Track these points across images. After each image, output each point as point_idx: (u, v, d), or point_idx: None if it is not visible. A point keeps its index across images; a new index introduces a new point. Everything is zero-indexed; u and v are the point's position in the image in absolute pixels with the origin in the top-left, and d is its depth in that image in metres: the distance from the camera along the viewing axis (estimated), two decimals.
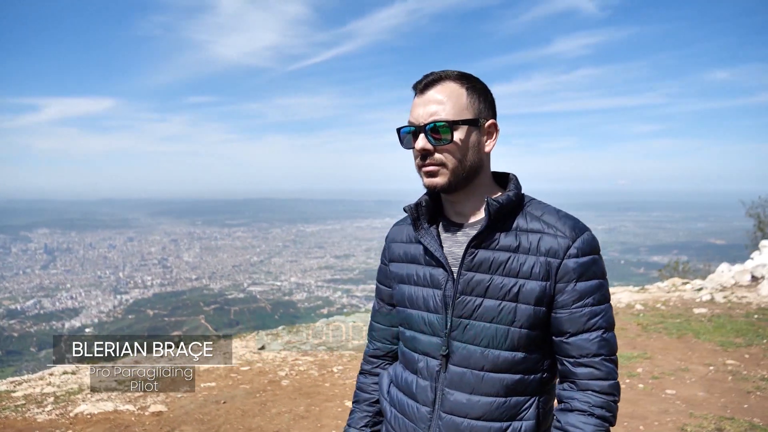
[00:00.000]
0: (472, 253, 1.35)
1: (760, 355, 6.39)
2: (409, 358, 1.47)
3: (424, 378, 1.42)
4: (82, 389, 5.24)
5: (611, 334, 1.34)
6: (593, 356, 1.31)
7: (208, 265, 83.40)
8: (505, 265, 1.33)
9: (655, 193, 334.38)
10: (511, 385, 1.34)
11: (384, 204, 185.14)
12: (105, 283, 70.83)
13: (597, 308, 1.32)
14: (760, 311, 8.53)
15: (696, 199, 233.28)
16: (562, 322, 1.33)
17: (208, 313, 57.53)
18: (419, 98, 1.37)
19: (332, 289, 70.99)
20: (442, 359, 1.39)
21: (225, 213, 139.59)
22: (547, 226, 1.34)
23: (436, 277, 1.40)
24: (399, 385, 1.51)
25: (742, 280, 10.84)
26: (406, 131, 1.39)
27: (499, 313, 1.32)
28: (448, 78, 1.35)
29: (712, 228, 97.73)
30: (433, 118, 1.32)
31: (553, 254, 1.31)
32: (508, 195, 1.36)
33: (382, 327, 1.65)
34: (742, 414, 4.69)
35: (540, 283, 1.31)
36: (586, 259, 1.32)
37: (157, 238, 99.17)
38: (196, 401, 4.97)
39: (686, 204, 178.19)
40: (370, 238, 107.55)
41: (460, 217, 1.44)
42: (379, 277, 1.65)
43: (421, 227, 1.44)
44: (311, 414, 4.75)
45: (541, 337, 1.36)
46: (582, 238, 1.32)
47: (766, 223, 17.86)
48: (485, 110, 1.37)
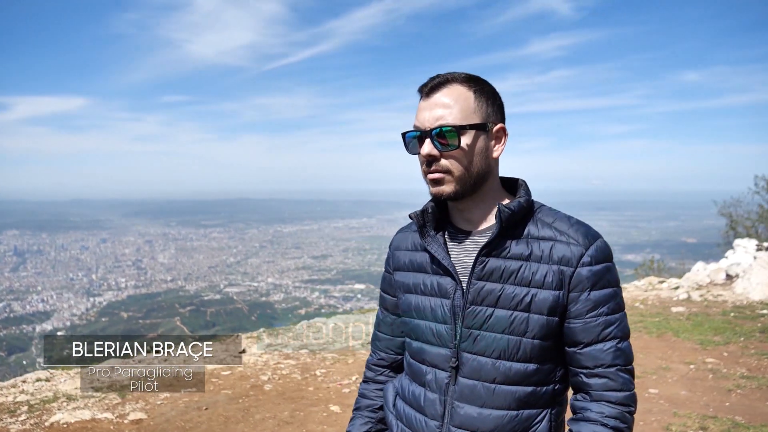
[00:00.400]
0: (483, 262, 1.30)
1: (738, 353, 6.49)
2: (416, 370, 1.41)
3: (433, 391, 1.36)
4: (57, 397, 5.08)
5: (626, 344, 1.29)
6: (608, 367, 1.27)
7: (184, 266, 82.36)
8: (517, 273, 1.28)
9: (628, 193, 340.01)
10: (524, 397, 1.29)
11: (362, 204, 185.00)
12: (77, 285, 69.48)
13: (611, 317, 1.28)
14: (735, 309, 8.67)
15: (668, 198, 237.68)
16: (575, 332, 1.28)
17: (184, 314, 56.80)
18: (425, 102, 1.31)
19: (310, 290, 70.64)
20: (451, 371, 1.33)
21: (201, 213, 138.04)
22: (559, 234, 1.29)
23: (444, 286, 1.35)
24: (405, 398, 1.45)
25: (717, 279, 11.02)
26: (411, 136, 1.33)
27: (511, 323, 1.27)
28: (455, 81, 1.30)
29: (683, 227, 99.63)
30: (439, 123, 1.27)
31: (565, 262, 1.26)
32: (519, 201, 1.31)
33: (387, 337, 1.59)
34: (725, 412, 4.74)
35: (553, 293, 1.26)
36: (600, 267, 1.27)
37: (131, 239, 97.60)
38: (177, 408, 4.85)
39: (658, 203, 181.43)
40: (347, 239, 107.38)
41: (467, 225, 1.39)
42: (383, 285, 1.59)
43: (428, 235, 1.38)
44: (296, 419, 4.67)
45: (553, 348, 1.31)
46: (595, 245, 1.28)
47: (738, 222, 18.23)
48: (493, 114, 1.32)
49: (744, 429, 4.37)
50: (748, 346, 6.72)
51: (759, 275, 9.84)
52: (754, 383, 5.42)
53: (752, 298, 9.38)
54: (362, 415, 1.60)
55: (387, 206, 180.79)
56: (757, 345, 6.75)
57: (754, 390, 5.26)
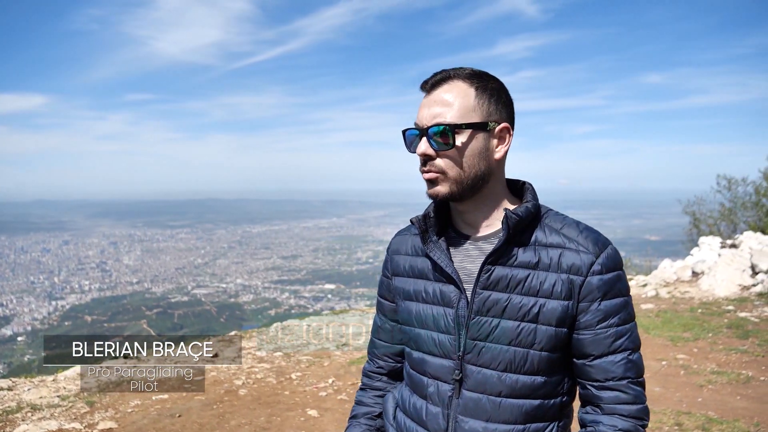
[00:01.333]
0: (489, 270, 1.24)
1: (707, 348, 6.62)
2: (417, 381, 1.35)
3: (435, 404, 1.30)
4: (21, 407, 4.88)
5: (638, 355, 1.25)
6: (619, 380, 1.22)
7: (150, 268, 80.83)
8: (524, 283, 1.22)
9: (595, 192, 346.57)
10: (531, 411, 1.24)
11: (331, 204, 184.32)
12: (39, 288, 67.54)
13: (622, 328, 1.23)
14: (702, 306, 8.86)
15: (633, 197, 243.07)
16: (585, 344, 1.23)
17: (151, 317, 55.73)
18: (426, 98, 1.26)
19: (280, 290, 70.10)
20: (454, 384, 1.27)
21: (167, 214, 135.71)
22: (568, 240, 1.24)
23: (447, 294, 1.29)
24: (406, 411, 1.38)
25: (683, 276, 11.26)
26: (411, 134, 1.27)
27: (518, 335, 1.22)
28: (458, 77, 1.24)
29: (647, 225, 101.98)
30: (435, 121, 1.21)
31: (575, 271, 1.21)
32: (527, 206, 1.25)
33: (385, 344, 1.52)
34: (698, 408, 4.81)
35: (562, 303, 1.21)
36: (611, 275, 1.22)
37: (95, 240, 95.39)
38: (149, 416, 4.71)
39: (624, 202, 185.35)
40: (317, 239, 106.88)
41: (469, 229, 1.33)
42: (381, 291, 1.52)
43: (430, 240, 1.32)
44: (273, 425, 4.57)
45: (561, 360, 1.26)
46: (606, 253, 1.23)
47: (701, 220, 18.70)
48: (497, 112, 1.25)
49: (717, 424, 4.45)
50: (716, 341, 6.86)
51: (724, 272, 10.09)
52: (725, 378, 5.53)
53: (718, 294, 9.61)
54: (360, 423, 1.53)
55: (357, 206, 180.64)
56: (725, 341, 6.90)
57: (725, 385, 5.37)
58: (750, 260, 10.08)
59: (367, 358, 1.60)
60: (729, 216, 17.75)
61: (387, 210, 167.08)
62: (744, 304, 8.77)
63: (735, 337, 7.04)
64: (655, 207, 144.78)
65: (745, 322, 7.64)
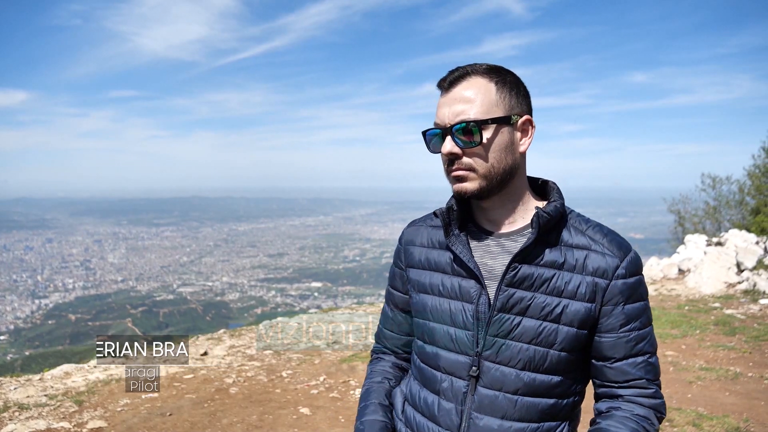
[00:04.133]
0: (515, 268, 1.22)
1: (695, 345, 6.68)
2: (430, 376, 1.32)
3: (448, 399, 1.28)
4: (8, 406, 4.79)
5: (656, 358, 1.26)
6: (638, 380, 1.24)
7: (135, 266, 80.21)
8: (549, 283, 1.21)
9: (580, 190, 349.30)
10: (546, 409, 1.24)
11: (318, 202, 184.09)
12: (21, 287, 66.76)
13: (643, 332, 1.24)
14: (689, 303, 8.95)
15: (618, 195, 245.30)
16: (607, 347, 1.24)
17: (135, 316, 55.31)
18: (444, 97, 1.23)
19: (266, 289, 69.93)
20: (470, 380, 1.25)
21: (152, 212, 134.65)
22: (593, 243, 1.23)
23: (466, 289, 1.27)
24: (416, 405, 1.36)
25: (670, 273, 11.38)
26: (432, 134, 1.25)
27: (539, 334, 1.21)
28: (475, 73, 1.22)
29: (631, 223, 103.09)
30: (459, 118, 1.19)
31: (601, 274, 1.20)
32: (556, 206, 1.24)
33: (395, 335, 1.51)
34: (688, 404, 4.86)
35: (585, 305, 1.20)
36: (634, 280, 1.22)
37: (79, 238, 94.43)
38: (139, 414, 4.65)
39: (609, 200, 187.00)
40: (303, 237, 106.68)
41: (491, 225, 1.32)
42: (393, 281, 1.49)
43: (452, 233, 1.30)
44: (265, 423, 4.53)
45: (578, 361, 1.26)
46: (629, 257, 1.23)
47: (686, 218, 18.90)
48: (518, 105, 1.24)
49: (707, 420, 4.49)
50: (704, 338, 6.93)
51: (709, 270, 10.21)
52: (713, 374, 5.58)
53: (704, 291, 9.72)
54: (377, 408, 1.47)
55: (343, 204, 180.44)
56: (712, 337, 6.97)
57: (714, 381, 5.42)
58: (735, 258, 10.21)
59: (373, 350, 1.59)
60: (713, 214, 17.96)
61: (374, 208, 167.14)
62: (730, 301, 8.88)
63: (722, 333, 7.12)
64: (639, 205, 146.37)
65: (731, 319, 7.73)
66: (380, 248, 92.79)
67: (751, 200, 17.16)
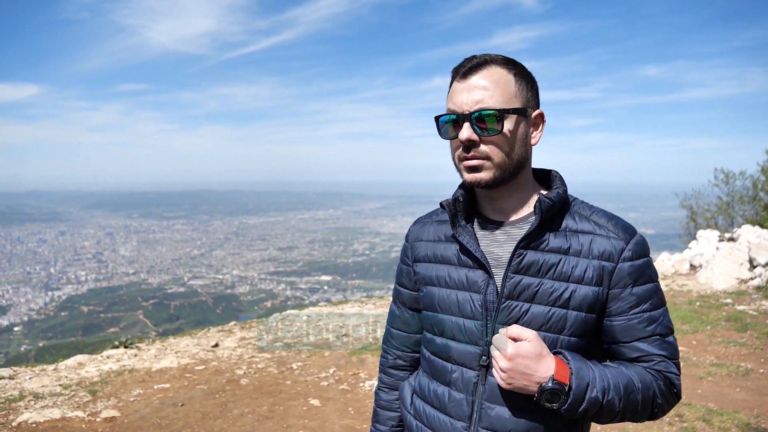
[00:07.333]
0: (521, 255, 1.23)
1: (706, 341, 6.65)
2: (439, 367, 1.33)
3: (459, 390, 1.28)
4: (23, 395, 4.88)
5: (673, 338, 1.25)
6: (654, 356, 1.22)
7: (146, 258, 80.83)
8: (556, 268, 1.21)
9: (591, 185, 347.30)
10: None
11: (327, 196, 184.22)
12: (35, 279, 67.52)
13: (654, 313, 1.22)
14: (701, 298, 8.90)
15: (629, 190, 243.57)
16: (618, 330, 1.23)
17: (147, 308, 55.79)
18: (461, 83, 1.23)
19: (276, 282, 70.25)
20: (480, 370, 1.25)
21: (163, 205, 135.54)
22: (598, 227, 1.23)
23: (474, 279, 1.27)
24: (426, 398, 1.37)
25: (681, 269, 11.31)
26: (445, 119, 1.25)
27: (548, 320, 1.21)
28: (495, 62, 1.22)
29: (642, 218, 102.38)
30: (479, 106, 1.19)
31: (607, 257, 1.20)
32: (558, 192, 1.25)
33: (403, 334, 1.50)
34: (698, 399, 4.84)
35: (593, 289, 1.20)
36: (641, 261, 1.22)
37: (91, 231, 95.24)
38: (152, 405, 4.71)
39: (620, 195, 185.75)
40: (313, 230, 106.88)
41: (498, 215, 1.32)
42: (401, 279, 1.50)
43: (459, 224, 1.30)
44: (275, 414, 4.58)
45: (587, 346, 1.25)
46: (635, 239, 1.23)
47: (699, 214, 18.72)
48: (532, 99, 1.26)
49: (718, 415, 4.47)
50: (715, 334, 6.89)
51: (721, 265, 10.13)
52: (724, 370, 5.56)
53: (715, 287, 9.65)
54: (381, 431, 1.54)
55: (353, 198, 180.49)
56: (723, 333, 6.93)
57: (724, 377, 5.40)
58: (748, 254, 10.12)
59: (382, 351, 1.59)
60: (726, 210, 17.78)
61: (383, 202, 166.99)
62: (742, 297, 8.82)
63: (733, 329, 7.07)
64: (650, 200, 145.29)
65: (743, 315, 7.68)
66: (389, 242, 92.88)
67: (765, 196, 16.98)
